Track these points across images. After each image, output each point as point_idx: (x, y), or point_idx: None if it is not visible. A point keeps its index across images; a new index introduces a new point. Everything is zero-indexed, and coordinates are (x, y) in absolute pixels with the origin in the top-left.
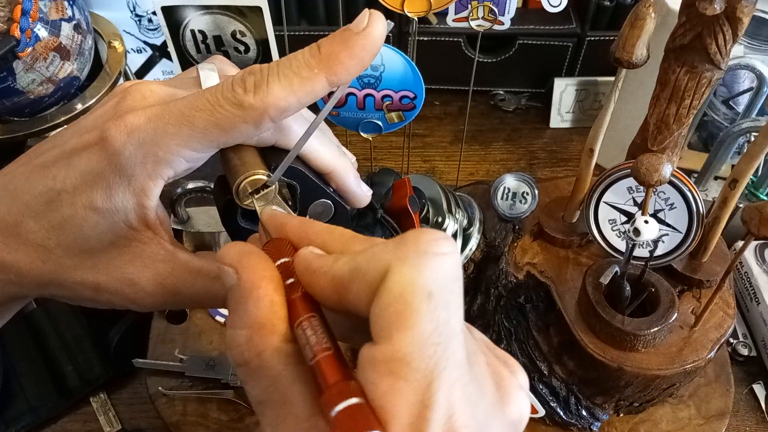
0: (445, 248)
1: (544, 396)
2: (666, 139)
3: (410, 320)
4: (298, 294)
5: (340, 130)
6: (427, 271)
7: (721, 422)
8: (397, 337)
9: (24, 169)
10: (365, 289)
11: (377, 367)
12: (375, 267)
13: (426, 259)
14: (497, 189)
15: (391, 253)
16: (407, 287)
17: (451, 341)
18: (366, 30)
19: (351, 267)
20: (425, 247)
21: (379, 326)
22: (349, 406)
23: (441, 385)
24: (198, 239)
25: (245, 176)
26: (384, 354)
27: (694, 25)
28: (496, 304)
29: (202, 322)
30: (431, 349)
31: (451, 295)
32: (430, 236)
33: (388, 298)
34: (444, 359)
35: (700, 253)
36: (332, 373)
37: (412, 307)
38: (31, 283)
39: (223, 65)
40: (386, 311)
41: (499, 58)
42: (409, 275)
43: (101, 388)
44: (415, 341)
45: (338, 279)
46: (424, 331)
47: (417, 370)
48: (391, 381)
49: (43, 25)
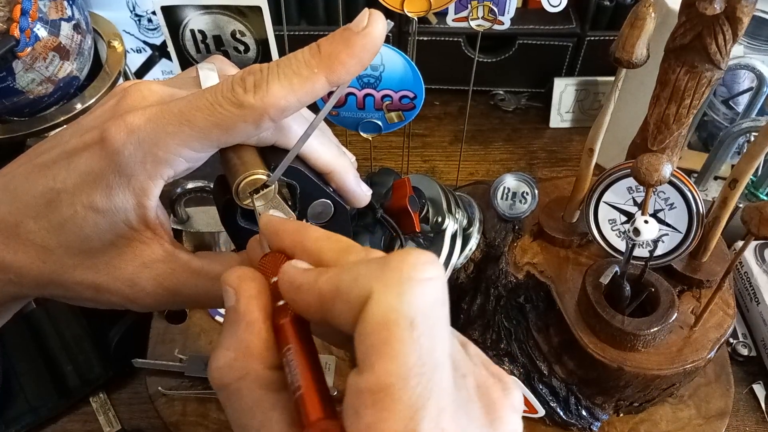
0: (430, 273)
1: (544, 396)
2: (666, 139)
3: (393, 350)
4: (287, 318)
5: (340, 129)
6: (411, 298)
7: (721, 422)
8: (379, 366)
9: (24, 169)
10: (348, 310)
11: (361, 397)
12: (357, 290)
13: (409, 285)
14: (497, 189)
15: (374, 277)
16: (389, 315)
17: (436, 370)
18: (366, 29)
19: (334, 285)
20: (409, 273)
21: (362, 353)
22: None
23: (425, 416)
24: (198, 239)
25: (245, 176)
26: (367, 384)
27: (694, 25)
28: (496, 304)
29: (202, 322)
30: (415, 380)
31: (435, 322)
32: (414, 260)
33: (370, 326)
34: (428, 389)
35: (700, 253)
36: (314, 410)
37: (394, 336)
38: (31, 283)
39: (223, 65)
40: (369, 339)
41: (499, 58)
42: (392, 302)
43: (101, 388)
44: (398, 372)
45: (322, 296)
46: (407, 362)
47: (400, 401)
48: (374, 412)
49: (42, 25)
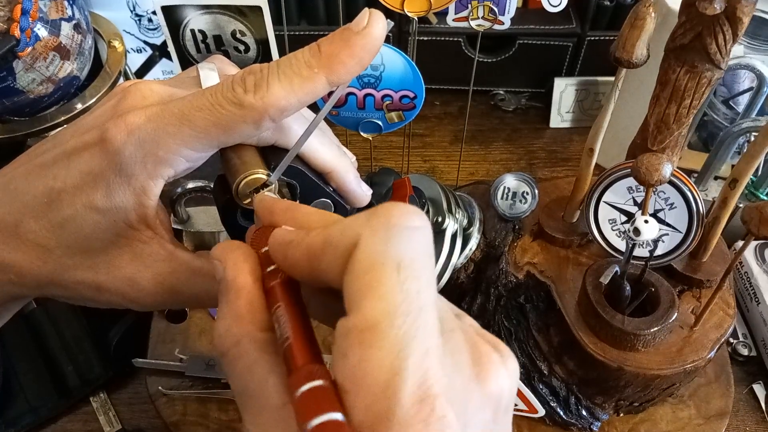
0: (417, 222)
1: (544, 396)
2: (666, 138)
3: (379, 290)
4: (277, 281)
5: (340, 129)
6: (397, 242)
7: (721, 422)
8: (366, 306)
9: (24, 169)
10: (336, 260)
11: (349, 337)
12: (346, 238)
13: (396, 231)
14: (497, 189)
15: (362, 225)
16: (377, 258)
17: (422, 312)
18: (366, 29)
19: (323, 238)
20: (396, 220)
21: (350, 297)
22: (312, 388)
23: (411, 353)
24: (198, 239)
25: (245, 175)
26: (354, 324)
27: (694, 25)
28: (496, 303)
29: (202, 321)
30: (401, 319)
31: (421, 268)
32: (401, 209)
33: (358, 269)
34: (414, 328)
35: (700, 253)
36: (300, 356)
37: (381, 276)
38: (31, 283)
39: (223, 65)
40: (357, 282)
41: (499, 58)
42: (379, 246)
43: (101, 388)
44: (384, 310)
45: (311, 250)
46: (393, 301)
47: (386, 338)
48: (360, 350)
49: (43, 25)
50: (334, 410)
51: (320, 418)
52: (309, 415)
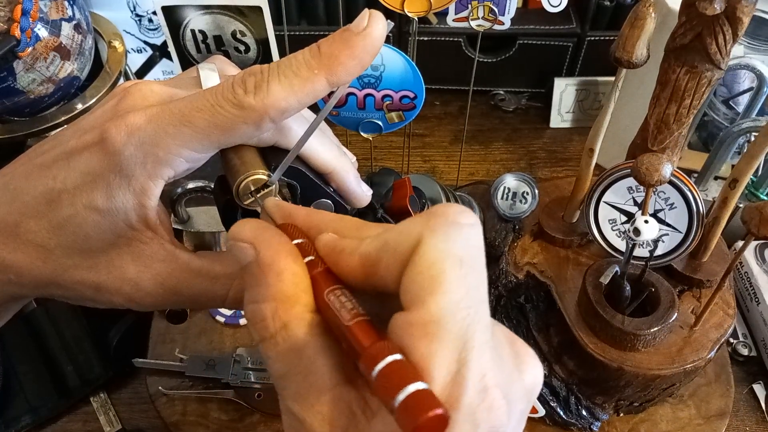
0: (471, 219)
1: (544, 396)
2: (666, 139)
3: (444, 285)
4: (320, 269)
5: (341, 129)
6: (458, 239)
7: (721, 422)
8: (431, 301)
9: (24, 169)
10: (395, 262)
11: (412, 330)
12: (406, 240)
13: (455, 228)
14: (497, 189)
15: (421, 225)
16: (440, 254)
17: (480, 305)
18: (366, 30)
19: (379, 244)
20: (453, 218)
21: (412, 293)
22: (392, 362)
23: (474, 346)
24: (198, 239)
25: (245, 176)
26: (419, 318)
27: (694, 25)
28: (496, 304)
29: (202, 322)
30: (464, 312)
31: (478, 262)
32: (457, 208)
33: (421, 266)
34: (475, 322)
35: (700, 253)
36: (369, 336)
37: (444, 272)
38: (31, 283)
39: (224, 65)
40: (419, 278)
41: (499, 58)
42: (441, 244)
43: (101, 388)
44: (449, 305)
45: (366, 257)
46: (456, 296)
47: (451, 332)
48: (427, 343)
49: (43, 25)
50: (420, 379)
51: (409, 389)
52: (396, 388)
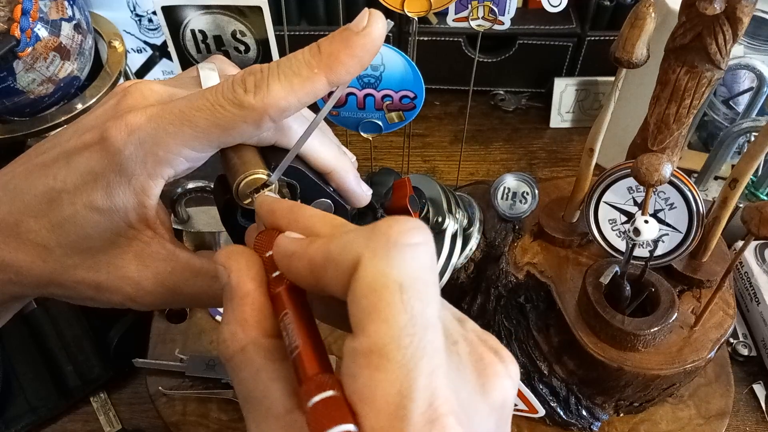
0: (417, 238)
1: (544, 396)
2: (666, 139)
3: (383, 313)
4: (283, 287)
5: (340, 129)
6: (399, 263)
7: (721, 422)
8: (371, 329)
9: (24, 169)
10: (339, 276)
11: (356, 359)
12: (347, 256)
13: (396, 250)
14: (497, 189)
15: (362, 244)
16: (379, 280)
17: (427, 331)
18: (366, 29)
19: (324, 253)
20: (396, 238)
21: (355, 318)
22: (325, 398)
23: (419, 375)
24: (198, 239)
25: (245, 175)
26: (361, 347)
27: (694, 25)
28: (496, 304)
29: (202, 321)
30: (407, 340)
31: (424, 285)
32: (401, 226)
33: (361, 291)
34: (420, 349)
35: (700, 253)
36: (311, 366)
37: (384, 300)
38: (32, 283)
39: (224, 65)
40: (360, 304)
41: (499, 58)
42: (380, 267)
43: (101, 388)
44: (389, 333)
45: (313, 264)
46: (398, 323)
47: (393, 361)
48: (369, 373)
49: (43, 25)
50: (348, 421)
51: (335, 429)
52: (323, 426)
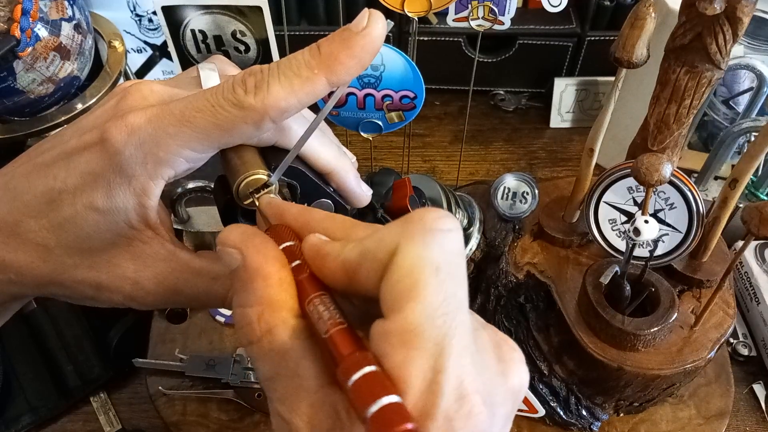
0: (449, 225)
1: (544, 396)
2: (666, 139)
3: (420, 293)
4: (306, 274)
5: (341, 129)
6: (434, 246)
7: (721, 422)
8: (408, 308)
9: (24, 169)
10: (375, 269)
11: (390, 338)
12: (384, 247)
13: (432, 235)
14: (497, 189)
15: (398, 233)
16: (416, 262)
17: (459, 312)
18: (365, 30)
19: (360, 250)
20: (431, 225)
21: (390, 301)
22: (367, 373)
23: (451, 353)
24: (198, 239)
25: (245, 176)
26: (396, 326)
27: (694, 25)
28: (496, 303)
29: (202, 322)
30: (441, 320)
31: (456, 268)
32: (434, 214)
33: (398, 274)
34: (453, 328)
35: (700, 253)
36: (347, 345)
37: (421, 280)
38: (32, 283)
39: (224, 65)
40: (397, 286)
41: (499, 58)
42: (418, 251)
43: (101, 388)
44: (425, 312)
45: (348, 263)
46: (433, 302)
47: (428, 339)
48: (404, 351)
49: (43, 25)
50: (392, 392)
51: (381, 401)
52: (369, 400)
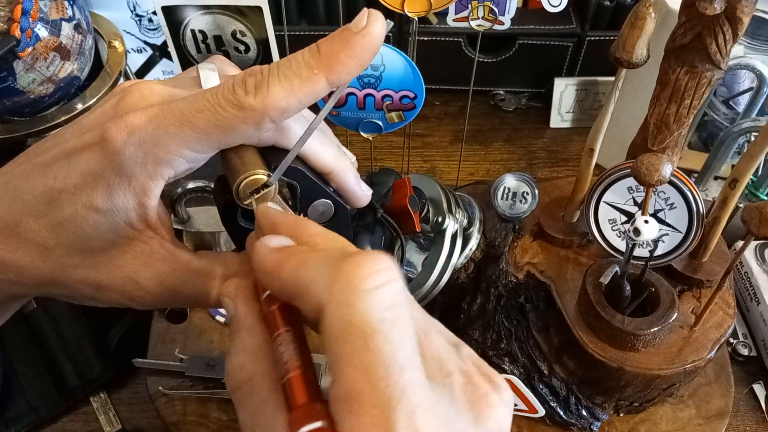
0: (380, 279)
1: (544, 396)
2: (666, 139)
3: (354, 361)
4: (276, 306)
5: (340, 129)
6: (361, 310)
7: (721, 422)
8: (345, 377)
9: (24, 168)
10: (308, 312)
11: (338, 405)
12: (312, 297)
13: (358, 297)
14: (497, 189)
15: (325, 290)
16: (343, 329)
17: (403, 371)
18: (365, 29)
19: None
20: (356, 285)
21: (330, 362)
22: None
23: (400, 416)
24: (198, 239)
25: (245, 176)
26: (339, 394)
27: (694, 25)
28: (496, 303)
29: (202, 321)
30: (381, 384)
31: (392, 327)
32: (362, 271)
33: (329, 338)
34: (397, 391)
35: (700, 253)
36: (299, 394)
37: (352, 348)
38: (31, 283)
39: (224, 65)
40: (330, 350)
41: (499, 58)
42: (344, 316)
43: (101, 388)
44: (362, 379)
45: (285, 288)
46: (369, 369)
47: (371, 406)
48: (351, 419)
49: (43, 25)
50: None
51: None
52: None
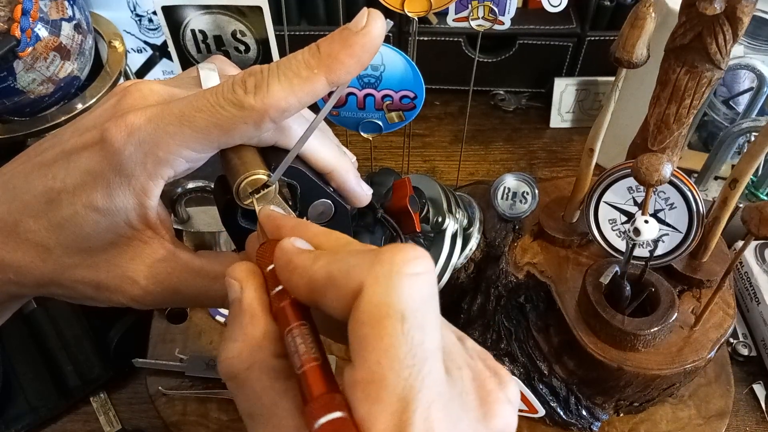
0: (420, 268)
1: (544, 396)
2: (666, 138)
3: (383, 343)
4: (287, 301)
5: (340, 129)
6: (401, 292)
7: (721, 422)
8: (371, 359)
9: (23, 168)
10: (340, 300)
11: (356, 390)
12: (349, 282)
13: (399, 279)
14: (497, 189)
15: (365, 271)
16: (381, 309)
17: (426, 362)
18: (365, 29)
19: (326, 273)
20: (399, 268)
21: (355, 345)
22: (332, 419)
23: (417, 407)
24: (198, 239)
25: (245, 176)
26: (360, 377)
27: (694, 25)
28: (496, 303)
29: (202, 322)
30: (406, 372)
31: (425, 315)
32: (405, 255)
33: (361, 319)
34: (419, 380)
35: (700, 253)
36: (317, 385)
37: (385, 330)
38: (31, 283)
39: (224, 65)
40: (360, 332)
41: (499, 58)
42: (383, 296)
43: (101, 388)
44: (389, 364)
45: (314, 283)
46: (397, 354)
47: (392, 393)
48: (368, 405)
49: (43, 25)
50: None
51: None
52: None
